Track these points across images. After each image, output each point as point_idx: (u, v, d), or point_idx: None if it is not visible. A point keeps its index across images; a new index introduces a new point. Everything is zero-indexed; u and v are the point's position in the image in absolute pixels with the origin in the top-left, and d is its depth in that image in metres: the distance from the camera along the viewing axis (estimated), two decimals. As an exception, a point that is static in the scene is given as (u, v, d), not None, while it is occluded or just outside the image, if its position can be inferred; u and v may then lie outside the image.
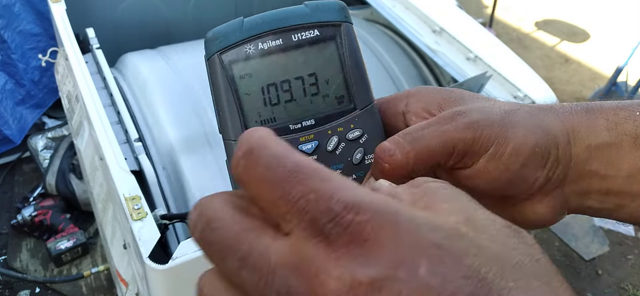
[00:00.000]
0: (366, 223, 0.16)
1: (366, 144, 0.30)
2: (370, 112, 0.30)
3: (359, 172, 0.30)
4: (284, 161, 0.18)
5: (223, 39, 0.29)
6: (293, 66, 0.29)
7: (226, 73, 0.29)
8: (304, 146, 0.30)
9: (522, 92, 0.96)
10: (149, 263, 0.62)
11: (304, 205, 0.17)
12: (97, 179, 0.95)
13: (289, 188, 0.17)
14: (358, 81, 0.30)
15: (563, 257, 2.14)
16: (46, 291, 1.77)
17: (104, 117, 0.81)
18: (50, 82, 2.07)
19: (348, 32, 0.30)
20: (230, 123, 0.30)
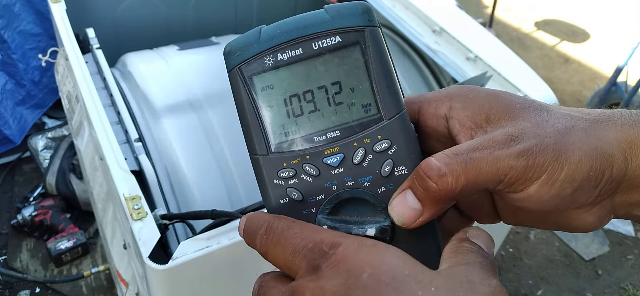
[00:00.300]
0: (340, 253, 0.25)
1: (395, 155, 0.28)
2: (399, 120, 0.28)
3: (389, 184, 0.29)
4: (293, 226, 0.27)
5: (242, 51, 0.28)
6: (315, 75, 0.28)
7: (247, 86, 0.28)
8: (329, 159, 0.29)
9: (522, 93, 0.96)
10: (149, 263, 0.62)
11: (304, 255, 0.26)
12: (97, 179, 0.95)
13: (296, 243, 0.27)
14: (386, 88, 0.28)
15: (563, 257, 2.14)
16: (46, 291, 1.77)
17: (104, 117, 0.81)
18: (51, 82, 2.07)
19: (373, 37, 0.28)
20: (254, 138, 0.29)
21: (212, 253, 0.63)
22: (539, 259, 2.13)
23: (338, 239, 0.26)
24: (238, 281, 0.71)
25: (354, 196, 0.29)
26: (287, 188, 0.29)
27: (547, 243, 2.19)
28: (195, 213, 0.71)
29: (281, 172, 0.29)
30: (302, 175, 0.29)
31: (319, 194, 0.29)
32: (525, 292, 2.01)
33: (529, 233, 2.23)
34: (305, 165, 0.29)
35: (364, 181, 0.29)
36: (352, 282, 0.24)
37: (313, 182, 0.29)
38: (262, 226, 0.28)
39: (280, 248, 0.27)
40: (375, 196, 0.29)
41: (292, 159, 0.29)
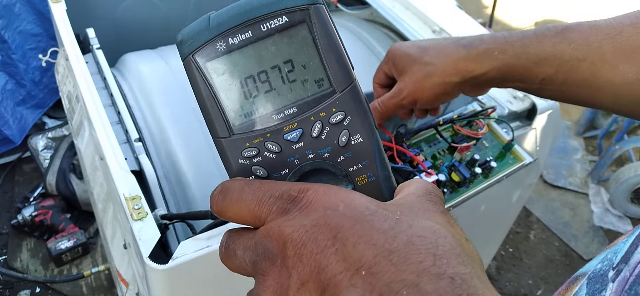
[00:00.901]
0: (310, 195, 0.27)
1: (350, 125, 0.30)
2: (351, 92, 0.30)
3: (347, 153, 0.30)
4: (251, 182, 0.29)
5: (193, 39, 0.29)
6: (267, 56, 0.29)
7: (202, 73, 0.29)
8: (289, 135, 0.30)
9: (522, 92, 0.96)
10: (149, 263, 0.62)
11: (272, 201, 0.28)
12: (97, 179, 0.95)
13: (261, 194, 0.28)
14: (335, 62, 0.29)
15: (563, 257, 2.14)
16: (46, 291, 1.77)
17: (104, 117, 0.81)
18: (51, 82, 2.07)
19: (318, 14, 0.29)
20: (214, 121, 0.30)
21: (212, 253, 0.64)
22: (539, 259, 2.13)
23: (305, 185, 0.28)
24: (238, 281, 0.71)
25: (315, 167, 0.30)
26: (252, 167, 0.30)
27: (547, 243, 2.19)
28: (195, 213, 0.71)
29: (245, 151, 0.30)
30: (265, 153, 0.30)
31: (283, 169, 0.30)
32: (525, 292, 2.01)
33: (528, 233, 2.23)
34: (267, 143, 0.30)
35: (323, 153, 0.30)
36: (330, 213, 0.26)
37: (276, 158, 0.30)
38: (217, 188, 0.30)
39: (243, 203, 0.28)
40: (335, 165, 0.30)
41: (254, 139, 0.30)
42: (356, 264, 0.23)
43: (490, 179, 0.81)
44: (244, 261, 0.28)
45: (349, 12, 1.32)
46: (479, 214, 1.01)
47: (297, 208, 0.27)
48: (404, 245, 0.24)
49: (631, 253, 0.25)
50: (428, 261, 0.23)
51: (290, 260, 0.26)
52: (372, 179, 0.31)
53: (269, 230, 0.27)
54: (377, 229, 0.25)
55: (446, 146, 0.84)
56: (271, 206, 0.27)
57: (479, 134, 0.84)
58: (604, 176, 2.43)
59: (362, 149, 0.30)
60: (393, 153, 0.77)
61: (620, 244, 0.28)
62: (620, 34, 0.51)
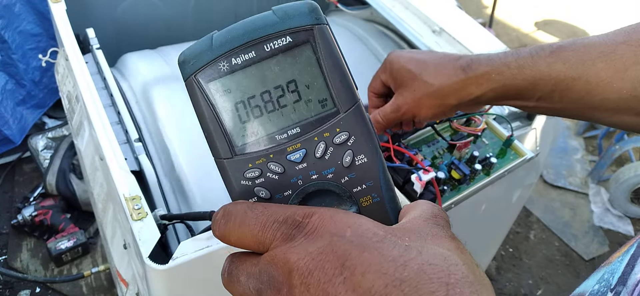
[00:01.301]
0: (315, 220, 0.26)
1: (354, 145, 0.30)
2: (355, 112, 0.29)
3: (351, 174, 0.30)
4: (255, 206, 0.28)
5: (195, 60, 0.29)
6: (271, 76, 0.29)
7: (204, 93, 0.29)
8: (292, 156, 0.29)
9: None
10: (149, 263, 0.62)
11: (276, 227, 0.27)
12: (97, 179, 0.95)
13: (265, 219, 0.27)
14: (339, 82, 0.29)
15: (563, 257, 2.14)
16: (46, 291, 1.77)
17: (104, 117, 0.81)
18: (51, 82, 2.07)
19: (322, 34, 0.29)
20: (217, 142, 0.30)
21: (212, 253, 0.64)
22: (539, 259, 2.13)
23: (310, 210, 0.27)
24: (238, 281, 0.71)
25: (319, 188, 0.30)
26: (255, 188, 0.30)
27: (547, 243, 2.19)
28: (195, 213, 0.71)
29: (247, 173, 0.30)
30: (267, 173, 0.30)
31: (286, 190, 0.30)
32: (525, 292, 2.01)
33: (528, 233, 2.23)
34: (270, 163, 0.30)
35: (327, 173, 0.30)
36: (336, 240, 0.25)
37: (279, 179, 0.30)
38: (219, 212, 0.29)
39: (246, 228, 0.28)
40: (339, 185, 0.30)
41: (256, 159, 0.30)
42: (366, 294, 0.23)
43: (491, 176, 0.81)
44: (247, 289, 0.28)
45: (349, 12, 1.32)
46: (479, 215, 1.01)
47: (302, 234, 0.26)
48: (415, 274, 0.23)
49: (628, 274, 0.24)
50: (441, 291, 0.22)
51: (296, 290, 0.25)
52: (376, 201, 0.30)
53: (273, 257, 0.26)
54: (386, 257, 0.24)
55: (445, 145, 0.84)
56: (275, 232, 0.27)
57: (477, 130, 0.84)
58: (604, 176, 2.43)
59: (366, 170, 0.30)
60: (391, 153, 0.77)
61: (616, 263, 0.27)
62: (614, 51, 0.52)
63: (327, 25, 0.29)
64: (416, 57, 0.66)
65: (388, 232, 0.26)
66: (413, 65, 0.65)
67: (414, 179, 0.73)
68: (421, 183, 0.72)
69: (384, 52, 1.19)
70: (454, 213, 0.78)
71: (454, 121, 0.84)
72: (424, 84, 0.64)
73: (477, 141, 0.85)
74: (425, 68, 0.64)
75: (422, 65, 0.64)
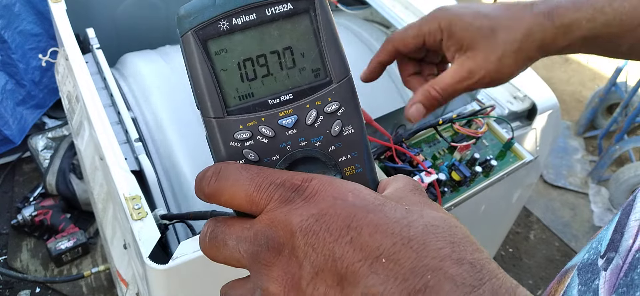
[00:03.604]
0: (315, 185, 0.26)
1: (344, 116, 0.30)
2: (347, 84, 0.30)
3: (338, 143, 0.30)
4: (249, 168, 0.28)
5: (196, 15, 0.29)
6: (268, 41, 0.29)
7: (201, 50, 0.29)
8: (284, 121, 0.30)
9: (522, 92, 0.96)
10: (149, 263, 0.62)
11: (273, 189, 0.26)
12: (97, 179, 0.95)
13: (260, 181, 0.27)
14: (333, 54, 0.30)
15: (563, 257, 2.14)
16: (46, 291, 1.77)
17: (104, 117, 0.81)
18: (51, 82, 2.07)
19: (322, 5, 0.30)
20: (209, 100, 0.29)
21: (212, 253, 0.63)
22: (539, 259, 2.13)
23: (309, 175, 0.27)
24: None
25: (306, 155, 0.30)
26: (244, 150, 0.30)
27: (547, 243, 2.19)
28: (195, 213, 0.71)
29: (237, 134, 0.30)
30: (258, 136, 0.30)
31: (275, 155, 0.30)
32: (525, 292, 2.01)
33: (528, 233, 2.23)
34: (261, 126, 0.30)
35: (315, 141, 0.30)
36: (340, 203, 0.25)
37: (269, 143, 0.30)
38: (209, 170, 0.28)
39: (240, 187, 0.27)
40: (326, 154, 0.31)
41: (248, 122, 0.30)
42: (375, 252, 0.23)
43: (490, 178, 0.81)
44: (236, 252, 0.27)
45: (348, 12, 1.32)
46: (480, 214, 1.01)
47: (301, 198, 0.26)
48: (420, 233, 0.24)
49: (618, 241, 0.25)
50: (447, 248, 0.23)
51: (300, 250, 0.25)
52: (359, 171, 0.31)
53: (273, 219, 0.26)
54: (390, 218, 0.25)
55: (446, 146, 0.84)
56: (272, 193, 0.26)
57: (478, 133, 0.84)
58: (604, 176, 2.43)
59: (352, 141, 0.31)
60: (392, 153, 0.77)
61: (603, 232, 0.28)
62: None
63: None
64: (483, 12, 0.56)
65: (386, 198, 0.26)
66: (483, 21, 0.55)
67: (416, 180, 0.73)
68: (423, 185, 0.72)
69: (384, 52, 1.19)
70: (453, 213, 0.78)
71: (456, 123, 0.84)
72: (503, 42, 0.55)
73: (477, 142, 0.85)
74: (498, 22, 0.55)
75: (494, 20, 0.55)
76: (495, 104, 0.89)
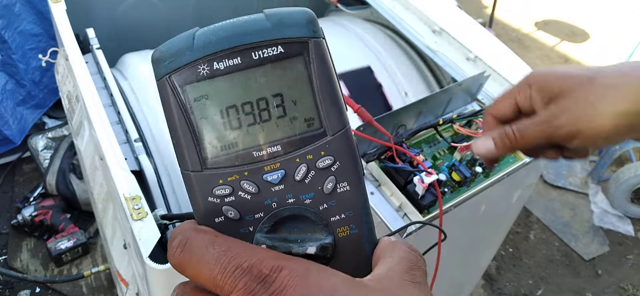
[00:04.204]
0: (285, 277, 0.23)
1: (338, 172, 0.27)
2: (343, 136, 0.27)
3: (330, 201, 0.28)
4: (218, 243, 0.25)
5: (172, 59, 0.26)
6: (255, 86, 0.26)
7: (178, 97, 0.26)
8: (270, 176, 0.27)
9: (522, 93, 0.96)
10: (149, 263, 0.62)
11: (239, 274, 0.23)
12: (97, 179, 0.95)
13: (226, 262, 0.24)
14: (330, 103, 0.27)
15: (563, 257, 2.14)
16: (46, 291, 1.77)
17: (104, 117, 0.81)
18: (51, 82, 2.07)
19: (317, 49, 0.26)
20: (186, 153, 0.27)
21: (212, 253, 0.64)
22: (539, 259, 2.13)
23: (280, 262, 0.24)
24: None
25: (294, 214, 0.28)
26: (223, 207, 0.27)
27: (547, 243, 2.19)
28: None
29: (216, 189, 0.27)
30: (239, 192, 0.27)
31: (258, 212, 0.27)
32: (525, 292, 2.01)
33: (529, 233, 2.23)
34: (244, 182, 0.27)
35: (305, 198, 0.27)
36: None
37: (252, 199, 0.27)
38: (176, 237, 0.25)
39: (204, 266, 0.24)
40: (317, 213, 0.28)
41: (229, 176, 0.27)
42: None
43: (491, 178, 0.81)
44: None
45: (349, 12, 1.32)
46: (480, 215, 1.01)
47: (267, 293, 0.23)
48: None
49: None
50: None
51: None
52: (354, 232, 0.28)
53: None
54: None
55: (446, 146, 0.84)
56: (236, 280, 0.23)
57: (478, 133, 0.84)
58: (604, 176, 2.43)
59: (347, 199, 0.28)
60: (393, 153, 0.77)
61: None
62: None
63: (324, 39, 0.27)
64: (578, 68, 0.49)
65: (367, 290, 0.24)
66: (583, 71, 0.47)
67: (416, 181, 0.73)
68: (423, 185, 0.72)
69: (385, 52, 1.19)
70: (453, 214, 0.78)
71: (456, 123, 0.84)
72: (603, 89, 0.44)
73: (477, 141, 0.85)
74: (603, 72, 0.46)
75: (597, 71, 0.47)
76: (495, 104, 0.88)
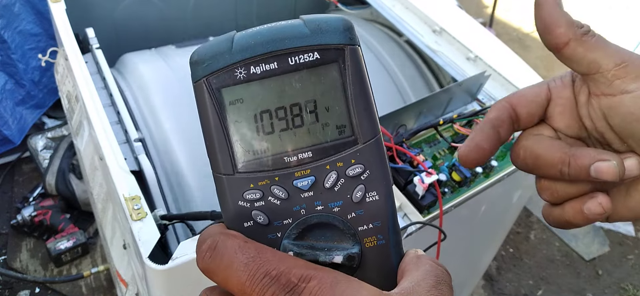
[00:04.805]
0: (313, 288, 0.23)
1: (368, 181, 0.27)
2: (375, 145, 0.27)
3: (359, 210, 0.28)
4: (247, 248, 0.25)
5: (211, 62, 0.26)
6: (290, 92, 0.27)
7: (214, 99, 0.27)
8: (300, 182, 0.27)
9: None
10: (149, 263, 0.62)
11: (267, 282, 0.23)
12: (97, 179, 0.95)
13: (255, 269, 0.24)
14: (363, 110, 0.27)
15: (563, 257, 2.14)
16: (46, 291, 1.77)
17: (103, 118, 0.81)
18: (50, 82, 2.07)
19: (353, 56, 0.27)
20: (219, 155, 0.27)
21: (212, 253, 0.63)
22: (539, 259, 2.12)
23: (309, 272, 0.24)
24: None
25: (322, 221, 0.28)
26: (253, 211, 0.27)
27: (547, 243, 2.19)
28: (195, 213, 0.70)
29: (247, 193, 0.27)
30: (269, 197, 0.27)
31: (287, 218, 0.27)
32: (525, 292, 2.01)
33: (529, 233, 2.23)
34: (274, 187, 0.27)
35: (334, 206, 0.28)
36: None
37: (281, 205, 0.27)
38: (205, 241, 0.26)
39: (233, 272, 0.24)
40: (345, 221, 0.28)
41: (260, 181, 0.27)
42: None
43: (491, 179, 0.80)
44: None
45: (349, 11, 1.32)
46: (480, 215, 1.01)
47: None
48: None
49: None
50: None
51: None
52: (381, 243, 0.28)
53: None
54: None
55: (446, 146, 0.83)
56: (265, 288, 0.23)
57: (479, 134, 0.83)
58: (604, 176, 2.43)
59: (376, 209, 0.28)
60: (393, 153, 0.77)
61: None
62: None
63: (360, 46, 0.27)
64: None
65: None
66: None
67: (417, 181, 0.72)
68: (423, 186, 0.72)
69: (385, 52, 1.19)
70: (454, 214, 0.78)
71: (456, 123, 0.84)
72: None
73: (477, 141, 0.85)
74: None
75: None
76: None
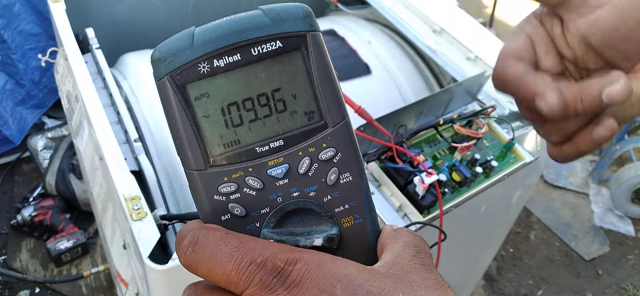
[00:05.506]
0: (300, 270, 0.23)
1: (340, 163, 0.28)
2: (344, 128, 0.28)
3: (334, 192, 0.28)
4: (229, 239, 0.24)
5: (173, 58, 0.26)
6: (255, 82, 0.27)
7: (179, 96, 0.26)
8: (274, 170, 0.27)
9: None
10: (149, 263, 0.62)
11: (253, 270, 0.23)
12: (97, 179, 0.95)
13: (240, 258, 0.24)
14: (329, 95, 0.27)
15: (563, 257, 2.14)
16: (46, 291, 1.77)
17: (103, 117, 0.81)
18: (50, 82, 2.07)
19: (315, 42, 0.27)
20: (190, 152, 0.27)
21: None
22: (539, 259, 2.12)
23: (294, 255, 0.24)
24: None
25: (299, 207, 0.28)
26: (229, 204, 0.27)
27: (547, 243, 2.19)
28: (195, 213, 0.70)
29: (222, 187, 0.27)
30: (245, 189, 0.27)
31: (264, 208, 0.28)
32: (526, 292, 2.01)
33: (529, 233, 2.23)
34: (248, 178, 0.27)
35: (309, 191, 0.28)
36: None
37: (257, 195, 0.27)
38: (186, 236, 0.25)
39: (217, 264, 0.24)
40: (322, 205, 0.28)
41: (233, 173, 0.27)
42: None
43: (491, 179, 0.80)
44: None
45: (349, 11, 1.32)
46: (480, 215, 1.01)
47: (284, 286, 0.23)
48: None
49: None
50: None
51: None
52: (358, 222, 0.29)
53: None
54: None
55: (446, 146, 0.83)
56: (251, 276, 0.23)
57: (479, 134, 0.83)
58: (604, 176, 2.43)
59: (350, 189, 0.28)
60: (393, 154, 0.77)
61: None
62: None
63: (320, 32, 0.28)
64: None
65: (380, 284, 0.24)
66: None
67: (417, 181, 0.72)
68: (423, 186, 0.72)
69: (385, 51, 1.19)
70: (454, 214, 0.78)
71: (456, 123, 0.84)
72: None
73: (478, 143, 0.85)
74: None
75: None
76: (496, 105, 0.88)
